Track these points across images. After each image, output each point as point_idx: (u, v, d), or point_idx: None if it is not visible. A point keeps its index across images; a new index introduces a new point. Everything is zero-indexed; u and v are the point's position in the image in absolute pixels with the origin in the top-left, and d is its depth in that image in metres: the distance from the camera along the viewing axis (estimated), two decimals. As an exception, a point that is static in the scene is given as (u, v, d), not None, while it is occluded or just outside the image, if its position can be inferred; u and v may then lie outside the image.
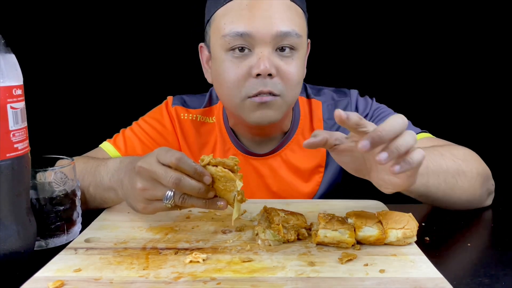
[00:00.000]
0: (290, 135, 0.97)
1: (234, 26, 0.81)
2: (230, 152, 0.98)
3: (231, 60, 0.83)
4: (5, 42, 0.56)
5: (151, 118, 1.01)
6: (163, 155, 0.63)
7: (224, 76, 0.84)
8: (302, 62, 0.87)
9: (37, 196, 0.66)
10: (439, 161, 0.76)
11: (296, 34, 0.82)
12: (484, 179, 0.82)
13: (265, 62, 0.80)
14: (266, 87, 0.82)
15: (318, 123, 0.98)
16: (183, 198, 0.63)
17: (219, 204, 0.64)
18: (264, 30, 0.80)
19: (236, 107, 0.86)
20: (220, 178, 0.63)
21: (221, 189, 0.64)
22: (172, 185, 0.61)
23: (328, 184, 0.99)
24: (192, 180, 0.62)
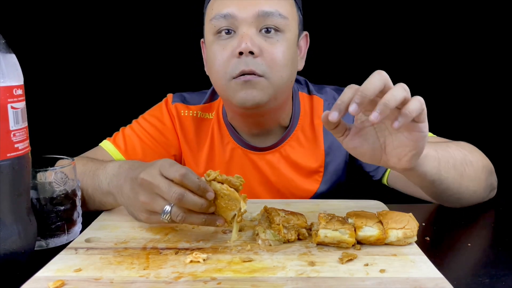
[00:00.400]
0: (290, 131, 0.97)
1: (220, 9, 0.84)
2: (229, 146, 0.98)
3: (219, 43, 0.85)
4: (5, 42, 0.56)
5: (151, 116, 1.01)
6: (167, 169, 0.62)
7: (213, 59, 0.86)
8: (290, 45, 0.86)
9: (38, 196, 0.66)
10: (446, 149, 0.76)
11: (279, 15, 0.83)
12: (488, 172, 0.83)
13: (246, 40, 0.81)
14: (248, 67, 0.82)
15: (318, 120, 0.98)
16: (181, 216, 0.62)
17: (218, 223, 0.64)
18: (246, 10, 0.82)
19: (223, 89, 0.87)
20: (223, 196, 0.63)
21: (222, 206, 0.64)
22: (175, 201, 0.61)
23: (329, 183, 0.99)
24: (195, 196, 0.61)
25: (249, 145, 0.97)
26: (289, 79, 0.88)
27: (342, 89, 1.01)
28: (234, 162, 0.98)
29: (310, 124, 0.98)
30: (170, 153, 1.00)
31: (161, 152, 0.99)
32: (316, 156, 0.98)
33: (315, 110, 0.99)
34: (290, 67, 0.86)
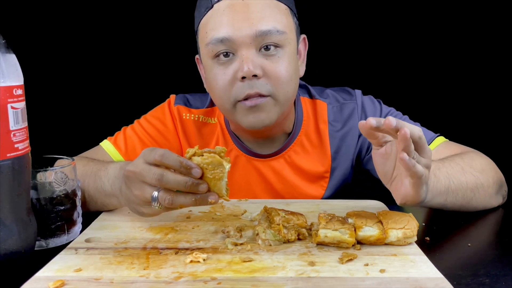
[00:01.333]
0: (294, 137, 0.96)
1: (215, 32, 0.81)
2: (232, 153, 0.97)
3: (218, 67, 0.83)
4: (5, 42, 0.56)
5: (152, 117, 1.00)
6: (148, 155, 0.62)
7: (214, 83, 0.84)
8: (292, 58, 0.85)
9: (38, 196, 0.66)
10: (460, 178, 0.77)
11: (277, 31, 0.81)
12: (499, 186, 0.84)
13: (248, 63, 0.79)
14: (253, 89, 0.80)
15: (323, 125, 0.97)
16: (169, 199, 0.61)
17: (210, 200, 0.61)
18: (243, 32, 0.79)
19: (229, 113, 0.86)
20: (207, 167, 0.60)
21: (210, 178, 0.61)
22: (156, 182, 0.60)
23: (334, 189, 0.98)
24: (177, 175, 0.60)
25: (253, 152, 0.96)
26: (294, 92, 0.87)
27: (343, 89, 1.01)
28: (238, 169, 0.97)
29: (314, 128, 0.97)
30: None
31: None
32: (322, 160, 0.97)
33: (319, 114, 0.97)
34: (294, 80, 0.86)
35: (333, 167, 0.97)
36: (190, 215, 0.78)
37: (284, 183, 0.97)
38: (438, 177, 0.74)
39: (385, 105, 0.99)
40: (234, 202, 0.86)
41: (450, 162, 0.80)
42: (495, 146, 1.10)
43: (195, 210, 0.81)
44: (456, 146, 0.91)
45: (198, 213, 0.80)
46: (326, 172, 0.97)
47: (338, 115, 0.97)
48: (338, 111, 0.97)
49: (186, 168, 0.60)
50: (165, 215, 0.78)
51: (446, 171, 0.77)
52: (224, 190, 0.62)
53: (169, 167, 0.60)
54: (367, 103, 0.97)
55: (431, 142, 0.91)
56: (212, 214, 0.79)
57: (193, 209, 0.81)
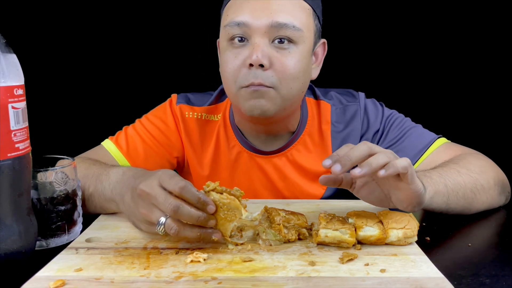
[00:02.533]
0: (297, 135, 0.96)
1: (234, 16, 0.83)
2: (235, 149, 0.97)
3: (231, 51, 0.85)
4: (6, 42, 0.56)
5: (154, 117, 1.00)
6: (167, 181, 0.61)
7: (224, 66, 0.86)
8: (304, 57, 0.85)
9: (38, 196, 0.66)
10: (456, 178, 0.78)
11: (293, 27, 0.82)
12: (501, 187, 0.84)
13: (257, 52, 0.80)
14: (257, 79, 0.81)
15: (326, 126, 0.97)
16: (175, 229, 0.60)
17: (214, 237, 0.62)
18: (260, 19, 0.81)
19: (233, 97, 0.87)
20: (222, 206, 0.61)
21: (221, 217, 0.62)
22: (171, 212, 0.60)
23: (334, 188, 0.97)
24: (192, 209, 0.60)
25: (256, 148, 0.96)
26: (299, 90, 0.87)
27: (347, 91, 1.01)
28: (239, 165, 0.97)
29: (318, 129, 0.97)
30: (172, 155, 0.99)
31: (163, 154, 0.98)
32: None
33: (323, 115, 0.98)
34: (301, 78, 0.85)
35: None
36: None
37: (285, 181, 0.97)
38: (430, 176, 0.75)
39: (387, 107, 0.99)
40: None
41: (443, 167, 0.81)
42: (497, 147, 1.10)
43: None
44: (457, 147, 0.91)
45: (199, 213, 0.79)
46: (327, 172, 0.97)
47: (341, 116, 0.97)
48: (341, 113, 0.97)
49: (203, 204, 0.60)
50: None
51: (438, 172, 0.77)
52: (229, 232, 0.63)
53: (187, 200, 0.60)
54: (369, 106, 0.98)
55: (432, 143, 0.91)
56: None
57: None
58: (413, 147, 0.91)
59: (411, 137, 0.93)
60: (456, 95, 1.71)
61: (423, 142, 0.92)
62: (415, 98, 1.68)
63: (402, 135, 0.93)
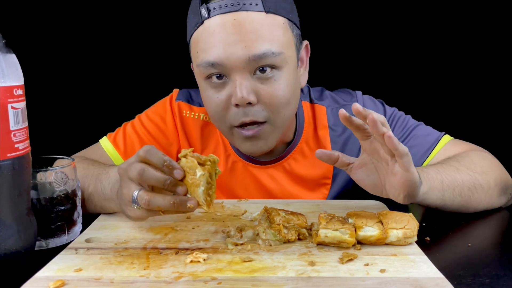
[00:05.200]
0: (294, 145, 0.93)
1: (205, 55, 0.77)
2: (230, 158, 0.96)
3: (211, 89, 0.80)
4: (5, 42, 0.56)
5: (153, 113, 0.98)
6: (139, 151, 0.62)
7: (208, 104, 0.82)
8: (290, 78, 0.80)
9: (38, 196, 0.66)
10: (454, 175, 0.77)
11: (273, 53, 0.76)
12: (502, 188, 0.82)
13: (242, 90, 0.75)
14: (248, 117, 0.78)
15: (323, 130, 0.94)
16: (146, 198, 0.59)
17: (189, 205, 0.59)
18: (234, 56, 0.75)
19: (226, 135, 0.85)
20: (189, 171, 0.59)
21: (189, 183, 0.59)
22: (137, 176, 0.59)
23: (336, 194, 0.96)
24: (158, 172, 0.59)
25: (251, 158, 0.94)
26: (293, 112, 0.85)
27: (344, 90, 0.99)
28: (235, 174, 0.96)
29: (314, 135, 0.94)
30: (170, 153, 0.98)
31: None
32: (324, 167, 0.93)
33: (318, 119, 0.94)
34: (292, 101, 0.82)
35: (335, 173, 0.95)
36: (190, 215, 0.78)
37: (283, 191, 0.94)
38: (427, 171, 0.74)
39: (388, 105, 0.98)
40: (234, 202, 0.86)
41: (442, 164, 0.79)
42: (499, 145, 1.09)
43: (195, 210, 0.81)
44: (463, 144, 0.90)
45: (199, 213, 0.80)
46: (328, 179, 0.95)
47: (338, 117, 0.95)
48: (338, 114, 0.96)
49: (169, 168, 0.59)
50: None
51: (436, 169, 0.76)
52: (202, 199, 0.60)
53: (152, 164, 0.60)
54: (368, 104, 0.95)
55: (438, 141, 0.89)
56: (212, 214, 0.79)
57: (193, 209, 0.81)
58: (420, 146, 0.89)
59: (417, 137, 0.91)
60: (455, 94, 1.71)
61: (430, 141, 0.90)
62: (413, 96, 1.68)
63: (407, 135, 0.91)
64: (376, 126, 0.60)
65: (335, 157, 0.69)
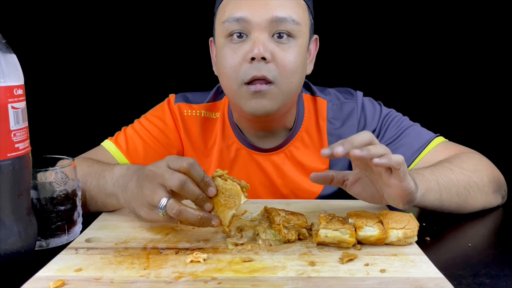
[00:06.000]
0: (295, 132, 0.96)
1: (232, 12, 0.83)
2: (233, 146, 0.97)
3: (230, 46, 0.84)
4: (6, 42, 0.56)
5: (153, 116, 1.00)
6: (174, 161, 0.63)
7: (223, 62, 0.86)
8: (302, 51, 0.86)
9: (38, 196, 0.66)
10: (449, 175, 0.78)
11: (293, 21, 0.82)
12: (496, 186, 0.84)
13: (259, 46, 0.81)
14: (260, 72, 0.82)
15: (322, 122, 0.97)
16: (177, 209, 0.61)
17: (214, 222, 0.63)
18: (259, 14, 0.81)
19: (234, 95, 0.87)
20: (224, 192, 0.63)
21: (221, 203, 0.63)
22: (178, 186, 0.61)
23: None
24: (196, 187, 0.62)
25: (254, 146, 0.97)
26: (298, 85, 0.88)
27: (346, 89, 1.01)
28: (238, 162, 0.98)
29: (315, 125, 0.98)
30: (172, 153, 0.99)
31: (163, 152, 0.98)
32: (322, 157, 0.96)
33: (319, 111, 0.98)
34: (300, 73, 0.86)
35: (331, 164, 0.98)
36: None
37: (284, 178, 0.97)
38: (422, 173, 0.75)
39: (385, 106, 0.99)
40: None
41: (435, 165, 0.81)
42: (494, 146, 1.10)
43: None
44: (455, 146, 0.91)
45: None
46: (325, 169, 0.97)
47: (337, 113, 0.97)
48: (338, 109, 0.98)
49: (205, 184, 0.63)
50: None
51: (431, 170, 0.78)
52: (227, 220, 0.64)
53: (193, 178, 0.62)
54: (367, 104, 0.98)
55: (430, 142, 0.91)
56: (212, 214, 0.79)
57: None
58: (411, 146, 0.92)
59: (409, 136, 0.93)
60: (454, 94, 1.71)
61: (421, 141, 0.92)
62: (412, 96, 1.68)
63: (399, 134, 0.94)
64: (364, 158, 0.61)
65: (330, 177, 0.72)
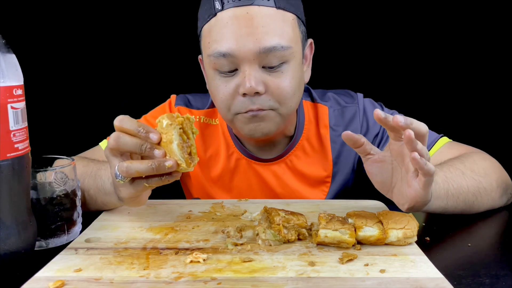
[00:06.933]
0: (295, 141, 0.95)
1: (217, 45, 0.79)
2: (233, 156, 0.97)
3: (220, 79, 0.82)
4: (5, 42, 0.56)
5: (152, 117, 0.99)
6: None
7: (215, 93, 0.84)
8: (296, 71, 0.83)
9: (38, 196, 0.66)
10: (460, 182, 0.76)
11: (282, 47, 0.78)
12: (504, 189, 0.83)
13: (250, 80, 0.78)
14: (255, 105, 0.80)
15: (324, 129, 0.96)
16: (126, 165, 0.60)
17: (168, 164, 0.60)
18: (246, 48, 0.77)
19: (230, 122, 0.86)
20: (162, 132, 0.60)
21: (165, 143, 0.60)
22: (113, 142, 0.61)
23: (335, 193, 0.97)
24: (134, 138, 0.61)
25: (254, 156, 0.96)
26: (297, 104, 0.87)
27: (346, 92, 1.00)
28: (238, 172, 0.97)
29: (316, 133, 0.96)
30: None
31: None
32: (324, 165, 0.96)
33: (320, 118, 0.96)
34: (297, 93, 0.85)
35: (334, 172, 0.96)
36: (190, 215, 0.78)
37: (285, 188, 0.96)
38: (435, 180, 0.73)
39: (387, 108, 0.98)
40: (234, 202, 0.86)
41: (449, 167, 0.79)
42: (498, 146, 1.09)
43: (195, 210, 0.81)
44: (460, 146, 0.90)
45: (198, 213, 0.80)
46: (328, 177, 0.97)
47: (339, 118, 0.96)
48: (340, 115, 0.96)
49: (145, 132, 0.61)
50: (165, 214, 0.78)
51: (444, 175, 0.76)
52: (179, 156, 0.60)
53: (128, 131, 0.61)
54: (368, 107, 0.97)
55: (435, 143, 0.90)
56: (212, 214, 0.79)
57: (193, 209, 0.81)
58: None
59: None
60: (455, 94, 1.71)
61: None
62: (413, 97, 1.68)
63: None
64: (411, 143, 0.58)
65: (361, 143, 0.67)
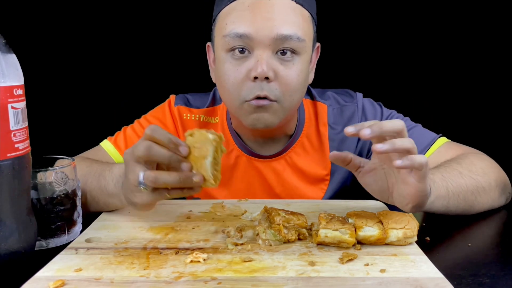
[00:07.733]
0: (295, 138, 0.96)
1: (235, 26, 0.80)
2: (233, 153, 0.97)
3: (231, 62, 0.82)
4: (6, 42, 0.56)
5: (153, 117, 1.00)
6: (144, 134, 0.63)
7: (225, 78, 0.84)
8: (305, 67, 0.84)
9: (38, 196, 0.66)
10: (458, 181, 0.77)
11: (297, 38, 0.80)
12: (502, 189, 0.83)
13: (262, 65, 0.79)
14: (263, 92, 0.80)
15: (323, 128, 0.96)
16: (153, 176, 0.60)
17: (195, 179, 0.60)
18: (263, 32, 0.78)
19: (235, 110, 0.86)
20: (195, 145, 0.61)
21: (196, 158, 0.60)
22: (144, 153, 0.60)
23: (334, 191, 0.98)
24: (164, 149, 0.61)
25: (254, 153, 0.96)
26: (300, 100, 0.87)
27: (345, 91, 1.01)
28: (238, 169, 0.97)
29: (315, 131, 0.97)
30: None
31: None
32: (323, 163, 0.96)
33: (320, 116, 0.97)
34: (302, 89, 0.85)
35: (333, 170, 0.97)
36: (190, 215, 0.78)
37: (284, 185, 0.96)
38: (433, 179, 0.74)
39: (386, 108, 0.99)
40: (234, 202, 0.86)
41: (446, 168, 0.79)
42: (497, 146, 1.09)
43: (195, 210, 0.81)
44: (458, 147, 0.91)
45: (199, 213, 0.80)
46: (327, 175, 0.97)
47: (338, 117, 0.97)
48: (339, 113, 0.97)
49: (175, 145, 0.61)
50: (165, 214, 0.78)
51: (442, 175, 0.76)
52: (209, 172, 0.61)
53: (158, 141, 0.61)
54: (367, 107, 0.97)
55: (433, 143, 0.91)
56: (212, 214, 0.79)
57: (193, 209, 0.81)
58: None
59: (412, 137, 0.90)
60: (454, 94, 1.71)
61: (424, 142, 0.91)
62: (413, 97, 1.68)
63: None
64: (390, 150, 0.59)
65: (348, 159, 0.68)
